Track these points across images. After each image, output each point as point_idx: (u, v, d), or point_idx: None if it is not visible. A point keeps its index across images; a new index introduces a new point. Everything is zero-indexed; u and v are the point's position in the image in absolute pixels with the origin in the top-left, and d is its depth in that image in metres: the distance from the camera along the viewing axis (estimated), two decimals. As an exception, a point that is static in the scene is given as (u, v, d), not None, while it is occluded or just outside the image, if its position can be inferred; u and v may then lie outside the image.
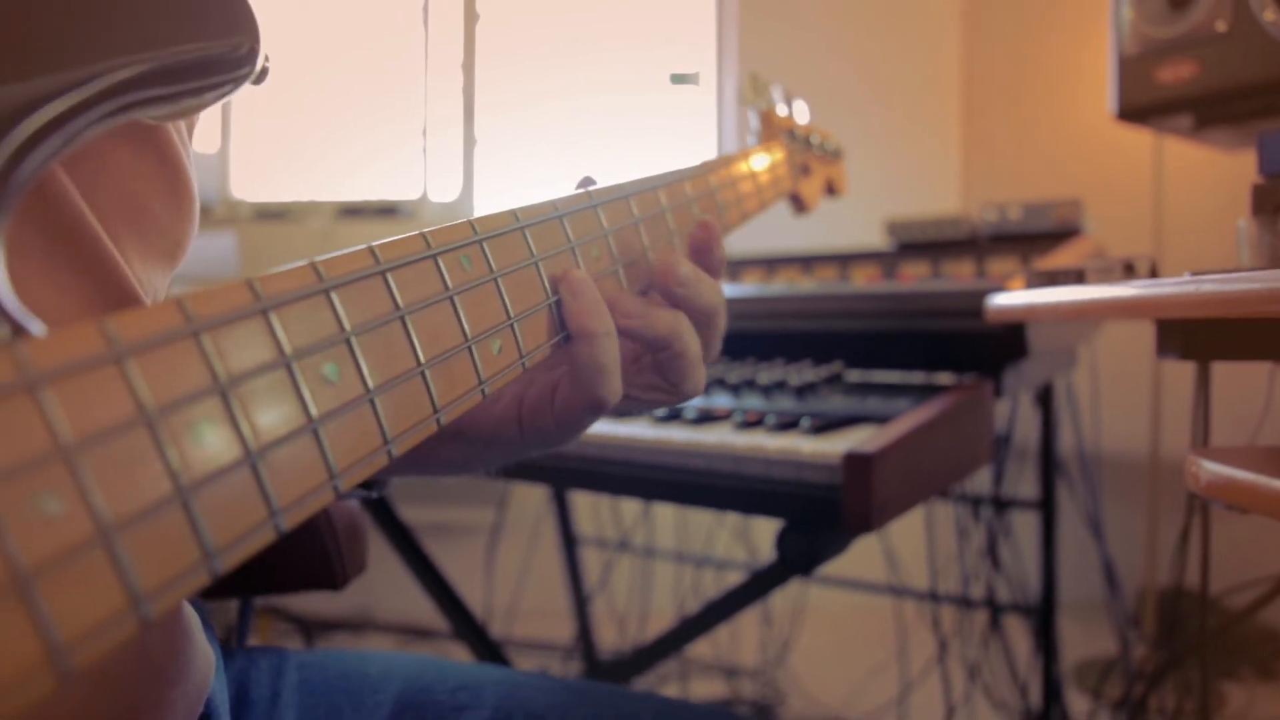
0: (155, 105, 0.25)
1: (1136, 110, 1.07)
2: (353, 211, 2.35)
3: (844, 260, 1.26)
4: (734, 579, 1.43)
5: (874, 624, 1.95)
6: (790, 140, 0.70)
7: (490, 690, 0.51)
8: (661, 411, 0.79)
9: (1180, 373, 1.82)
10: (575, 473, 0.73)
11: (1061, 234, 1.17)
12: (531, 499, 1.89)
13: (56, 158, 0.22)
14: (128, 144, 0.31)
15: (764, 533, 1.84)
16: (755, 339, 0.99)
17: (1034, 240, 1.17)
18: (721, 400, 0.82)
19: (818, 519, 0.64)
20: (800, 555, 0.63)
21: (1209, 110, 1.03)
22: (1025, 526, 1.46)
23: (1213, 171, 1.70)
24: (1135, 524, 1.92)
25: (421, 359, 0.28)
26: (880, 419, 0.73)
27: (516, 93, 2.39)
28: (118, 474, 0.20)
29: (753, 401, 0.80)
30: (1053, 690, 1.36)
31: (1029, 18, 2.21)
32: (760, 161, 0.62)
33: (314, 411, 0.24)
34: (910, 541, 1.69)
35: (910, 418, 0.70)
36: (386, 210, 2.37)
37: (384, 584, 1.78)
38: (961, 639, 1.56)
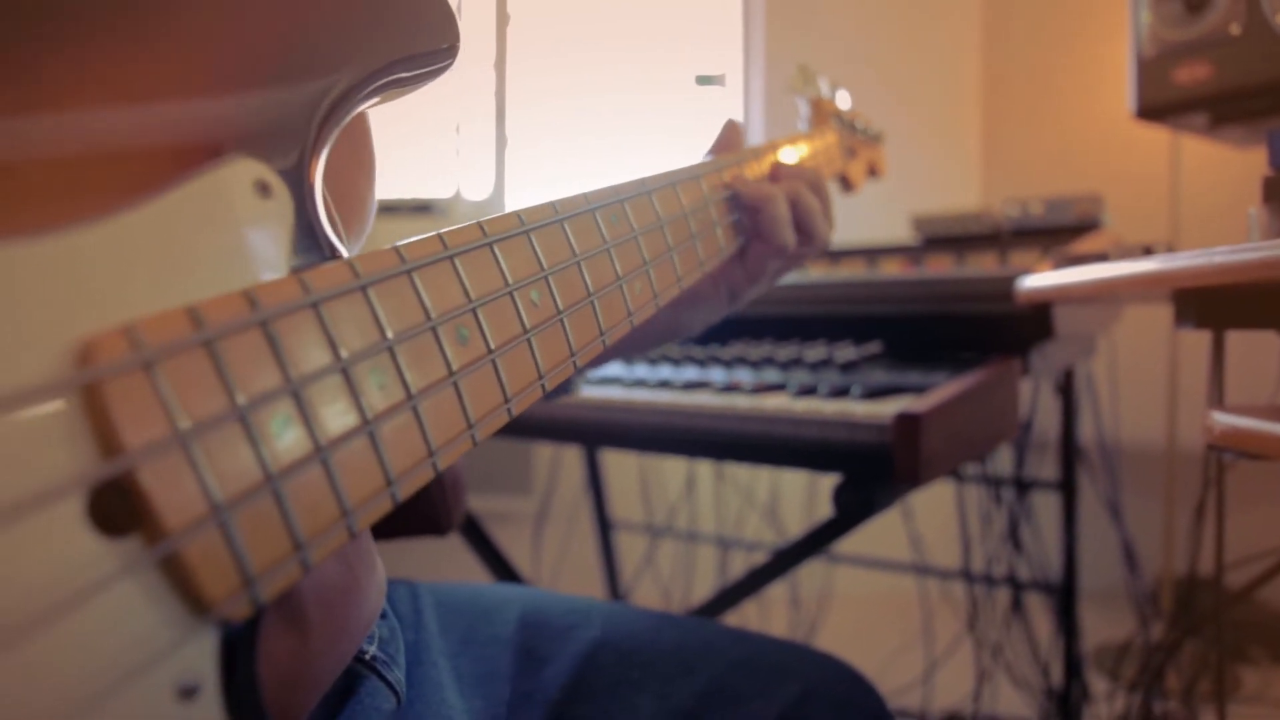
0: (391, 89, 0.32)
1: (1154, 109, 1.13)
2: (389, 209, 2.43)
3: (871, 254, 1.32)
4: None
5: (898, 607, 2.01)
6: (838, 124, 0.77)
7: (596, 615, 0.58)
8: (721, 384, 0.86)
9: (1196, 364, 1.87)
10: (650, 438, 0.81)
11: (1081, 228, 1.22)
12: (571, 485, 1.97)
13: (340, 126, 0.30)
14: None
15: (791, 514, 1.90)
16: (799, 323, 1.06)
17: (1055, 234, 1.23)
18: (772, 375, 0.89)
19: (869, 474, 0.71)
20: (855, 507, 0.70)
21: (1223, 109, 1.09)
22: (1046, 513, 1.51)
23: (1227, 168, 1.75)
24: (1152, 515, 1.97)
25: (591, 290, 0.35)
26: (920, 389, 0.80)
27: (545, 92, 2.46)
28: (419, 359, 0.27)
29: (802, 376, 0.87)
30: (1074, 667, 1.41)
31: (1047, 21, 2.28)
32: (816, 143, 0.69)
33: (527, 324, 0.32)
34: (934, 524, 1.76)
35: (950, 386, 0.77)
36: (421, 208, 2.45)
37: (421, 566, 1.85)
38: (984, 620, 1.62)
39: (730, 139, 0.60)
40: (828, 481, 1.89)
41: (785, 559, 0.86)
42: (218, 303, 0.22)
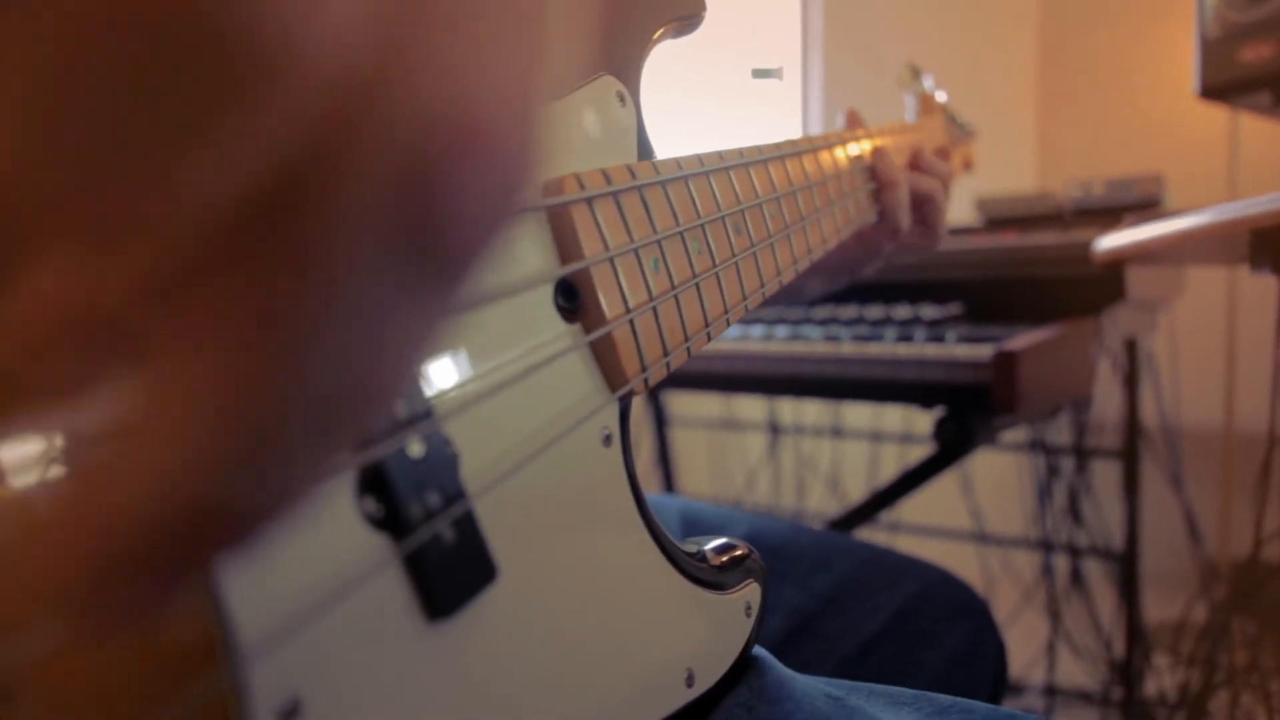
0: (670, 38, 0.41)
1: (1218, 88, 1.19)
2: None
3: (938, 233, 1.38)
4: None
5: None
6: (943, 119, 0.85)
7: (740, 519, 0.67)
8: (818, 336, 0.95)
9: (1255, 348, 1.90)
10: (769, 380, 0.90)
11: (1142, 208, 1.28)
12: (641, 464, 2.05)
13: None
14: None
15: (853, 483, 1.97)
16: (881, 289, 1.14)
17: (1116, 214, 1.28)
18: (865, 331, 0.97)
19: (967, 409, 0.79)
20: (956, 439, 0.78)
21: (1288, 88, 1.14)
22: (1106, 491, 1.56)
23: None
24: (1210, 500, 2.00)
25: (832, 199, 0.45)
26: (1003, 340, 0.88)
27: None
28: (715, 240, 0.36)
29: (894, 332, 0.95)
30: (1135, 634, 1.45)
31: (1102, 4, 2.33)
32: (923, 134, 0.77)
33: (771, 229, 0.40)
34: (994, 497, 1.81)
35: (1037, 333, 0.85)
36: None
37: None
38: (1046, 591, 1.67)
39: (853, 127, 0.67)
40: (889, 451, 1.95)
41: (890, 493, 0.94)
42: (614, 170, 0.31)
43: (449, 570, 0.22)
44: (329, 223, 0.11)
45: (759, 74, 2.42)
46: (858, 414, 1.89)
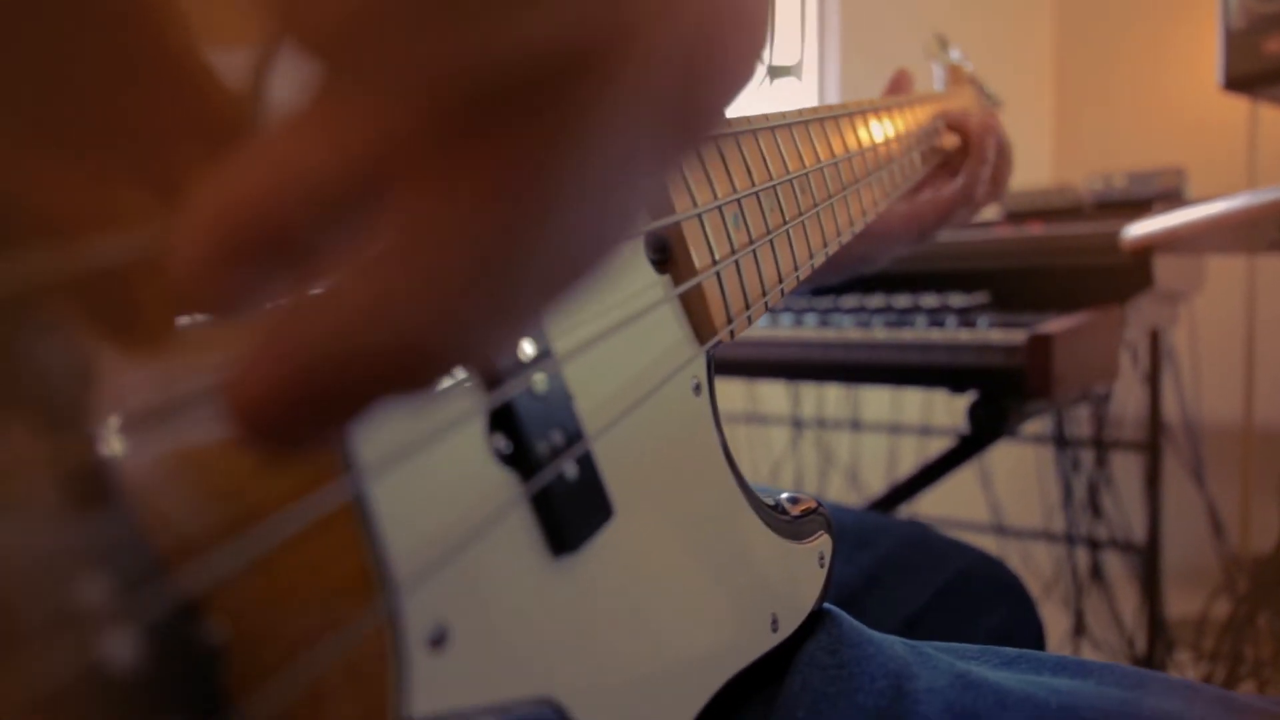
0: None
1: (1243, 80, 1.19)
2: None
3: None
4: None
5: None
6: (972, 89, 0.86)
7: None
8: (850, 323, 0.95)
9: (1275, 342, 1.89)
10: (805, 366, 0.90)
11: (1162, 200, 1.28)
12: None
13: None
14: None
15: (872, 476, 1.97)
16: (906, 279, 1.15)
17: (1137, 206, 1.27)
18: (894, 319, 0.97)
19: (1000, 392, 0.79)
20: (989, 423, 0.78)
21: (1314, 78, 1.14)
22: (1127, 486, 1.56)
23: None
24: (1231, 494, 2.00)
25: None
26: (1035, 325, 0.88)
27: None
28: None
29: (923, 319, 0.96)
30: (1158, 626, 1.45)
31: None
32: (956, 102, 0.78)
33: (870, 169, 0.41)
34: (1013, 492, 1.81)
35: (1068, 319, 0.85)
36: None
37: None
38: (1066, 583, 1.66)
39: (901, 85, 0.68)
40: (908, 444, 1.94)
41: (911, 485, 0.95)
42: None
43: (573, 507, 0.23)
44: (603, 100, 0.12)
45: (775, 72, 2.42)
46: (877, 407, 1.89)
